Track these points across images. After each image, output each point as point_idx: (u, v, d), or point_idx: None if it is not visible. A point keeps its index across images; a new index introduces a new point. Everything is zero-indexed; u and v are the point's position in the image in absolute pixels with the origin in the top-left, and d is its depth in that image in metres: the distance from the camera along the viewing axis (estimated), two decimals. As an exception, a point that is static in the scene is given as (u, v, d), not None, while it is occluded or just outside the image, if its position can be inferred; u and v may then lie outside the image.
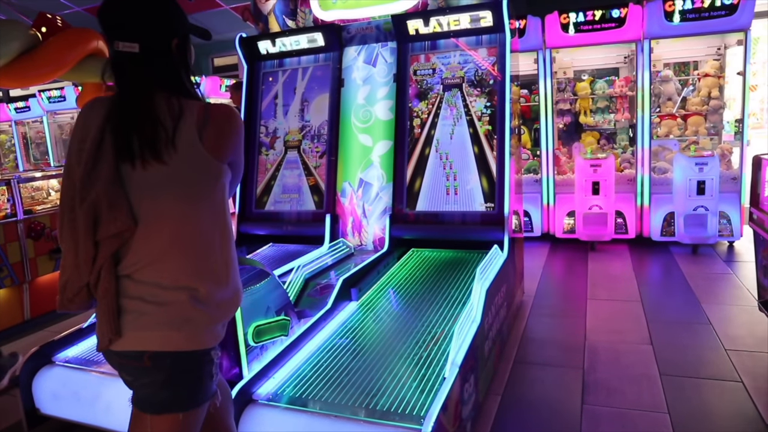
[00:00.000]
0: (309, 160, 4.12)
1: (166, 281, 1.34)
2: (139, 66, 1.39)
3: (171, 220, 1.35)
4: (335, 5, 4.04)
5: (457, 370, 2.15)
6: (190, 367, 1.37)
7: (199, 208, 1.38)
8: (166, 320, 1.32)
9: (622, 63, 6.10)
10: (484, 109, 3.70)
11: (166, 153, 1.33)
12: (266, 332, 2.30)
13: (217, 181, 1.41)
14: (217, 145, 1.38)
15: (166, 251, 1.34)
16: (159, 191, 1.34)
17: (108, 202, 1.31)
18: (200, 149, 1.36)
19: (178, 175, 1.35)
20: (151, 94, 1.38)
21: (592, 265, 4.99)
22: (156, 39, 1.42)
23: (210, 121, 1.38)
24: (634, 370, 3.00)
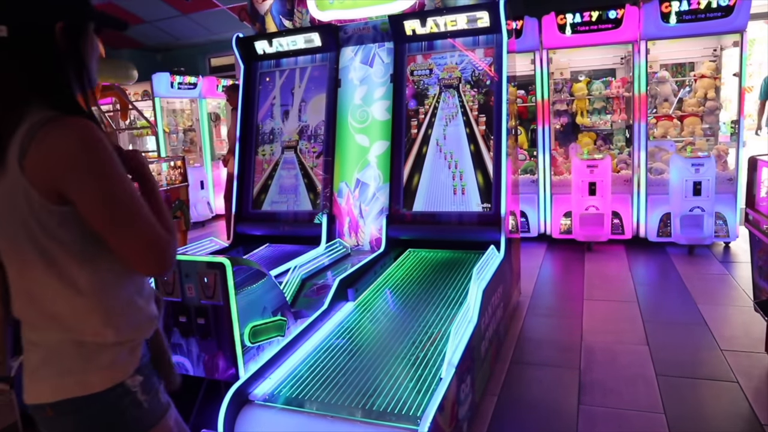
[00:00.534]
0: (306, 161, 4.11)
1: (41, 326, 1.16)
2: (7, 56, 1.10)
3: (17, 263, 1.14)
4: (332, 5, 4.04)
5: (454, 371, 2.15)
6: (100, 410, 1.16)
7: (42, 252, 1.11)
8: (53, 367, 1.15)
9: (618, 64, 6.11)
10: (480, 109, 3.70)
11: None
12: (263, 333, 2.30)
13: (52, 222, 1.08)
14: (42, 179, 1.05)
15: (24, 296, 1.16)
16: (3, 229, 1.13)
17: None
18: (22, 181, 1.05)
19: (11, 210, 1.09)
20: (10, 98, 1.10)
21: (588, 266, 5.00)
22: (31, 20, 1.10)
23: (32, 145, 1.03)
24: (631, 371, 3.00)
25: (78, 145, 1.05)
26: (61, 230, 1.09)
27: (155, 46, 11.15)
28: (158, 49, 11.31)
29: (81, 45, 1.17)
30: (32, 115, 1.07)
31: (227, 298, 2.14)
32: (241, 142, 4.27)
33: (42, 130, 1.03)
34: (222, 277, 2.13)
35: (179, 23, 9.81)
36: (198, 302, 2.21)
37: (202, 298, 2.19)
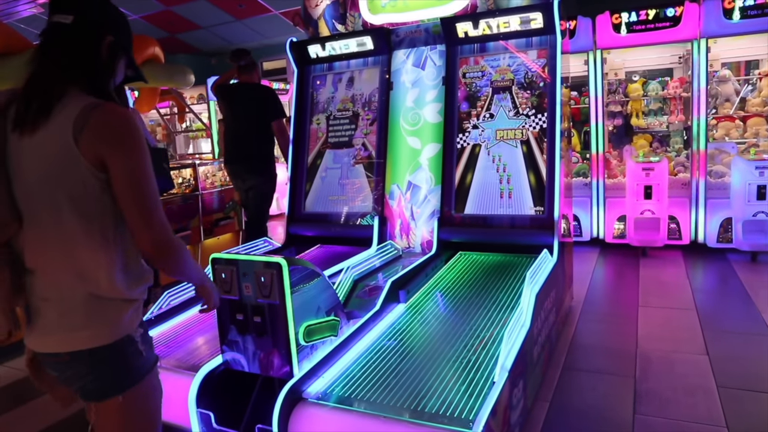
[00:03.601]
0: (358, 163, 4.16)
1: (53, 283, 1.36)
2: (63, 40, 1.36)
3: (51, 222, 1.33)
4: (384, 9, 4.07)
5: (507, 375, 2.14)
6: (110, 356, 1.38)
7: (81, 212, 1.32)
8: (69, 320, 1.35)
9: (676, 63, 5.92)
10: (533, 112, 3.66)
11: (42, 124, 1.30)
12: (317, 332, 2.34)
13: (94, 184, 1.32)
14: (93, 150, 1.29)
15: (50, 254, 1.35)
16: (40, 190, 1.32)
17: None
18: (75, 152, 1.28)
19: (56, 175, 1.31)
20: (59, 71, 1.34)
21: (643, 272, 4.86)
22: (90, 22, 1.39)
23: (89, 123, 1.28)
24: (689, 381, 2.91)
25: (121, 123, 1.32)
26: (103, 194, 1.33)
27: (210, 51, 11.49)
28: (213, 54, 11.64)
29: (116, 61, 1.45)
30: (74, 95, 1.33)
31: (283, 298, 2.19)
32: (294, 146, 4.36)
33: (94, 113, 1.29)
34: (278, 277, 2.17)
35: (233, 28, 10.08)
36: (255, 301, 2.26)
37: (259, 297, 2.25)
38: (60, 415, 3.01)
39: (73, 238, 1.33)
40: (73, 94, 1.33)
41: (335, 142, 4.27)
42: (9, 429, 2.98)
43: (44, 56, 1.36)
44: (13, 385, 3.53)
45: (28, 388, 3.45)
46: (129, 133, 1.32)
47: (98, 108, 1.30)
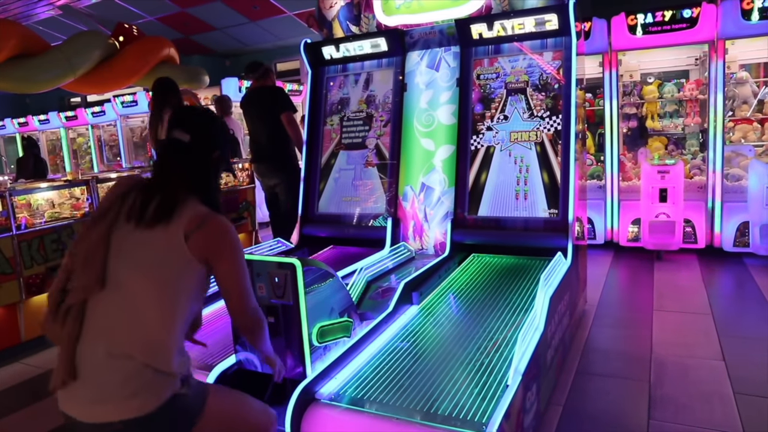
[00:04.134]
0: (371, 164, 4.16)
1: (116, 350, 1.47)
2: (182, 154, 1.68)
3: (134, 292, 1.50)
4: (398, 10, 4.07)
5: (520, 378, 2.13)
6: (162, 417, 1.49)
7: (166, 291, 1.53)
8: (124, 390, 1.45)
9: (692, 65, 5.86)
10: (548, 113, 3.64)
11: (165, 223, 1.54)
12: (330, 333, 2.34)
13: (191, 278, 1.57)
14: (200, 252, 1.56)
15: (122, 322, 1.50)
16: (137, 263, 1.53)
17: (86, 257, 1.53)
18: (183, 247, 1.53)
19: (158, 255, 1.53)
20: (180, 181, 1.63)
21: (658, 275, 4.81)
22: (203, 142, 1.70)
23: (201, 231, 1.56)
24: (705, 387, 2.87)
25: (227, 237, 1.62)
26: (191, 279, 1.58)
27: (224, 52, 11.57)
28: (227, 55, 11.72)
29: (219, 170, 1.79)
30: (190, 202, 1.61)
31: (297, 298, 2.19)
32: (308, 147, 4.37)
33: (208, 221, 1.58)
34: (292, 278, 2.18)
35: (247, 30, 10.15)
36: (268, 301, 2.27)
37: (273, 298, 2.25)
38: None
39: (146, 310, 1.50)
40: (189, 201, 1.60)
41: (349, 144, 4.27)
42: (25, 425, 3.01)
43: (166, 166, 1.67)
44: (29, 381, 3.58)
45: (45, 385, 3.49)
46: (234, 243, 1.63)
47: (211, 218, 1.60)
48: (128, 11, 9.45)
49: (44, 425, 2.96)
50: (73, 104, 13.84)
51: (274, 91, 4.93)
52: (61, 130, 11.64)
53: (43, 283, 4.14)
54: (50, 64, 4.64)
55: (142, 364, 1.47)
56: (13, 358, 3.92)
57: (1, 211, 4.02)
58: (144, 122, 9.97)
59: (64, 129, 11.55)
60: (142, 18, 9.73)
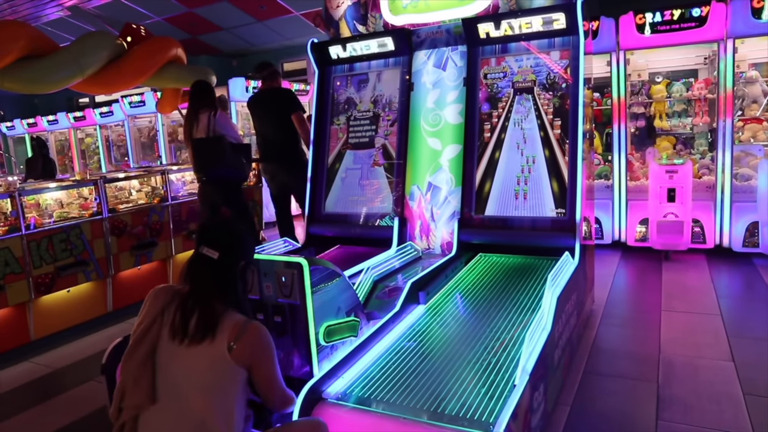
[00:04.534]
0: (378, 164, 4.16)
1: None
2: (212, 270, 1.79)
3: (187, 403, 1.64)
4: (405, 10, 4.06)
5: (528, 378, 2.12)
6: None
7: (210, 401, 1.65)
8: None
9: (701, 64, 5.82)
10: (555, 113, 3.63)
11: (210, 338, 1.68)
12: (337, 332, 2.34)
13: (238, 382, 1.71)
14: (243, 357, 1.70)
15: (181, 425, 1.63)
16: (185, 372, 1.67)
17: (134, 377, 1.66)
18: (226, 356, 1.67)
19: (205, 369, 1.67)
20: (215, 294, 1.76)
21: (666, 275, 4.79)
22: (231, 257, 1.83)
23: (243, 337, 1.70)
24: (715, 388, 2.86)
25: (266, 340, 1.77)
26: (236, 385, 1.72)
27: (231, 52, 11.60)
28: (234, 55, 11.75)
29: (247, 273, 1.93)
30: (227, 313, 1.74)
31: (304, 298, 2.19)
32: (315, 146, 4.37)
33: (247, 330, 1.72)
34: (299, 277, 2.18)
35: (254, 30, 10.17)
36: (275, 300, 2.27)
37: (280, 297, 2.26)
38: (84, 412, 3.06)
39: (208, 424, 1.63)
40: (226, 312, 1.74)
41: (355, 143, 4.28)
42: (35, 423, 3.03)
43: (199, 282, 1.78)
44: (39, 380, 3.60)
45: (53, 384, 3.52)
46: (271, 347, 1.78)
47: (249, 326, 1.74)
48: (136, 12, 9.50)
49: (53, 423, 2.98)
50: (82, 105, 13.92)
51: (282, 93, 5.02)
52: (69, 131, 11.71)
53: (52, 282, 4.17)
54: (59, 65, 4.66)
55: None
56: (23, 357, 3.94)
57: (11, 211, 4.04)
58: (152, 122, 10.01)
59: (73, 129, 11.61)
60: (149, 18, 9.78)
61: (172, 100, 6.75)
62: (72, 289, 4.36)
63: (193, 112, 4.50)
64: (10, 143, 13.26)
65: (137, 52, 5.46)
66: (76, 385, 3.41)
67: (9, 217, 4.06)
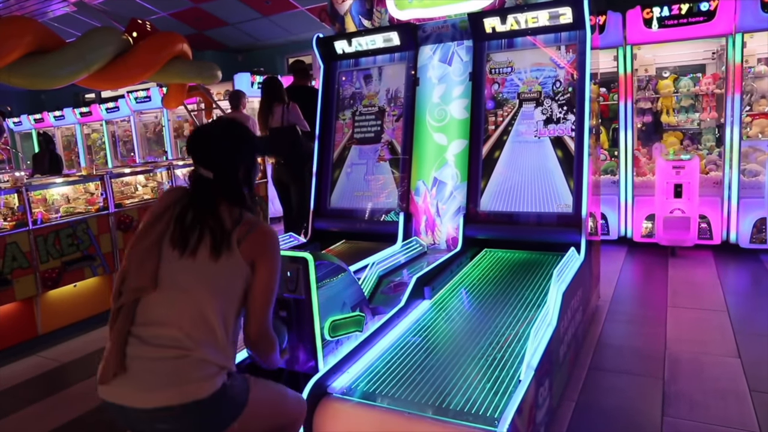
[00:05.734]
0: (383, 159, 4.16)
1: (170, 341, 1.57)
2: (212, 186, 1.74)
3: (188, 290, 1.61)
4: (411, 4, 4.05)
5: (533, 373, 2.12)
6: (215, 402, 1.59)
7: (212, 294, 1.62)
8: (179, 377, 1.55)
9: (709, 59, 5.77)
10: (561, 108, 3.61)
11: (224, 252, 1.64)
12: (342, 327, 2.34)
13: (241, 280, 1.67)
14: (249, 253, 1.66)
15: (175, 316, 1.59)
16: (187, 273, 1.62)
17: (140, 261, 1.64)
18: (236, 253, 1.65)
19: (210, 268, 1.62)
20: (218, 205, 1.71)
21: (672, 272, 4.77)
22: (227, 168, 1.77)
23: (251, 234, 1.68)
24: (721, 384, 2.85)
25: (274, 241, 1.74)
26: (241, 281, 1.67)
27: (236, 48, 11.59)
28: (239, 50, 11.74)
29: (251, 174, 1.87)
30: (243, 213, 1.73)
31: (309, 292, 2.20)
32: (320, 141, 4.37)
33: (256, 228, 1.70)
34: (304, 272, 2.18)
35: (259, 25, 10.16)
36: (280, 295, 2.27)
37: (285, 292, 2.26)
38: (91, 405, 3.08)
39: (207, 312, 1.60)
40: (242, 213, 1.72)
41: (361, 138, 4.27)
42: (43, 416, 3.06)
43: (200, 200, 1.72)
44: (46, 374, 3.63)
45: (60, 377, 3.54)
46: (277, 248, 1.75)
47: (260, 224, 1.73)
48: (141, 7, 9.50)
49: (61, 417, 3.00)
50: (88, 100, 13.95)
51: (311, 91, 5.54)
52: (75, 126, 11.75)
53: (59, 277, 4.19)
54: (65, 61, 4.66)
55: (199, 356, 1.56)
56: (31, 351, 3.97)
57: (18, 206, 4.07)
58: (157, 117, 10.04)
59: (79, 125, 11.65)
60: (155, 14, 9.78)
61: (177, 95, 6.75)
62: (79, 284, 4.38)
63: (267, 106, 5.22)
64: (17, 139, 13.32)
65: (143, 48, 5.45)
66: (83, 379, 3.43)
67: (16, 212, 4.09)
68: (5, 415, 3.09)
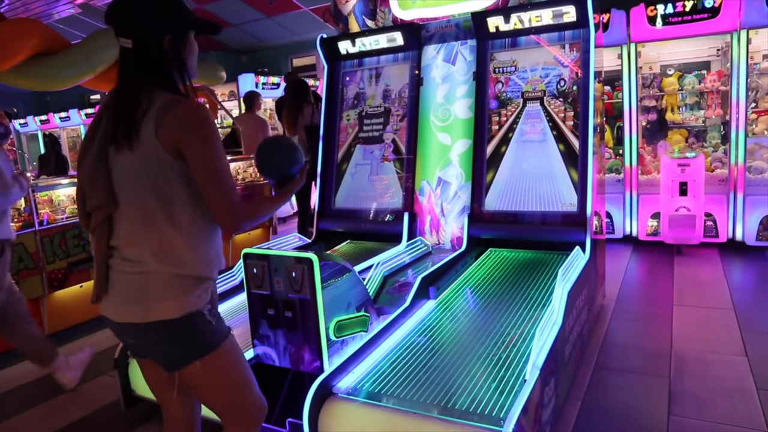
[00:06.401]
0: (387, 159, 4.16)
1: (136, 258, 1.50)
2: (131, 60, 1.52)
3: (138, 204, 1.49)
4: (414, 4, 4.05)
5: (538, 373, 2.12)
6: (182, 328, 1.52)
7: (160, 196, 1.48)
8: (146, 293, 1.49)
9: (714, 56, 5.75)
10: (565, 106, 3.61)
11: (134, 141, 1.44)
12: (347, 327, 2.35)
13: (169, 172, 1.47)
14: (170, 140, 1.45)
15: (135, 232, 1.50)
16: (130, 177, 1.48)
17: (89, 179, 1.51)
18: (155, 143, 1.44)
19: (141, 164, 1.46)
20: (136, 87, 1.49)
21: (678, 270, 4.75)
22: (148, 35, 1.50)
23: (168, 117, 1.44)
24: (727, 383, 2.83)
25: (196, 117, 1.47)
26: (178, 181, 1.49)
27: (240, 48, 11.61)
28: (243, 51, 11.76)
29: (182, 50, 1.57)
30: (158, 97, 1.47)
31: (314, 293, 2.21)
32: (324, 141, 4.38)
33: (172, 109, 1.44)
34: (309, 272, 2.19)
35: (263, 25, 10.17)
36: (286, 296, 2.29)
37: (290, 292, 2.27)
38: (97, 405, 3.09)
39: (153, 218, 1.48)
40: (156, 97, 1.47)
41: (365, 138, 4.27)
42: (49, 417, 3.07)
43: (120, 79, 1.53)
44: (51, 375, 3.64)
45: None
46: (202, 124, 1.47)
47: (175, 104, 1.46)
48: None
49: (67, 417, 3.01)
50: (93, 101, 14.01)
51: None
52: (81, 127, 11.80)
53: (65, 277, 4.21)
54: (70, 62, 4.68)
55: (162, 270, 1.50)
56: (37, 352, 3.99)
57: (25, 207, 4.09)
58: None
59: (84, 126, 11.71)
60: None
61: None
62: (84, 285, 4.40)
63: (297, 106, 5.44)
64: (23, 140, 13.38)
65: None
66: (89, 380, 3.44)
67: (23, 213, 4.11)
68: (11, 414, 3.11)
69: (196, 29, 1.61)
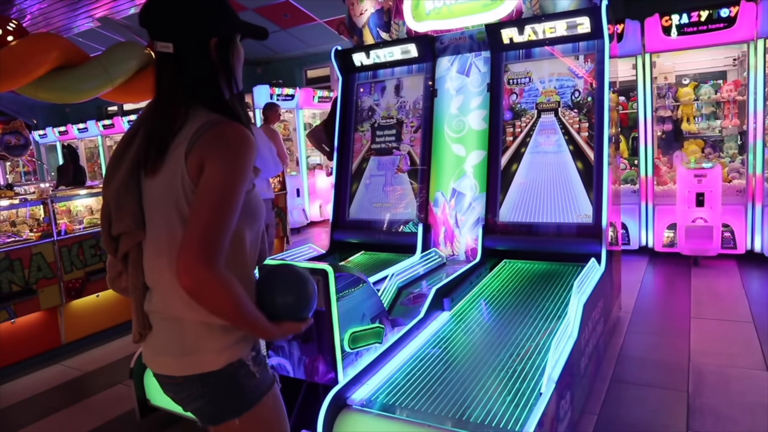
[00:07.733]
0: (402, 170, 4.17)
1: (171, 301, 1.28)
2: (171, 68, 1.29)
3: (165, 237, 1.26)
4: (428, 16, 4.07)
5: (554, 386, 2.10)
6: (221, 381, 1.31)
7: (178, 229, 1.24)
8: (180, 344, 1.29)
9: (730, 66, 5.71)
10: (580, 117, 3.60)
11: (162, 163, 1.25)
12: (361, 339, 2.35)
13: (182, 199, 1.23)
14: (196, 162, 1.20)
15: (163, 270, 1.27)
16: (156, 203, 1.28)
17: (116, 200, 1.30)
18: (183, 168, 1.21)
19: (166, 190, 1.25)
20: (176, 100, 1.27)
21: (695, 282, 4.69)
22: (193, 36, 1.28)
23: (201, 139, 1.20)
24: (748, 398, 2.79)
25: (230, 138, 1.22)
26: None
27: (256, 60, 11.72)
28: (258, 63, 11.87)
29: (230, 55, 1.34)
30: (197, 117, 1.25)
31: (329, 304, 2.21)
32: (339, 153, 4.40)
33: (209, 130, 1.21)
34: (324, 284, 2.19)
35: (278, 37, 10.26)
36: (300, 305, 2.28)
37: (305, 303, 2.27)
38: (112, 414, 3.11)
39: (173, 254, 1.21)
40: (195, 115, 1.26)
41: (379, 149, 4.29)
42: (66, 425, 3.10)
43: (159, 92, 1.31)
44: (70, 383, 3.68)
45: (83, 386, 3.59)
46: (232, 146, 1.21)
47: (214, 125, 1.22)
48: (163, 22, 9.66)
49: (83, 425, 3.04)
50: (110, 113, 14.22)
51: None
52: (98, 138, 11.97)
53: (82, 287, 4.26)
54: (89, 75, 4.76)
55: (192, 317, 1.26)
56: (55, 360, 4.03)
57: (44, 218, 4.15)
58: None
59: (101, 137, 11.87)
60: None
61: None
62: (101, 294, 4.45)
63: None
64: (42, 151, 13.60)
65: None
66: (105, 388, 3.47)
67: (42, 223, 4.17)
68: (29, 422, 3.14)
69: (244, 33, 1.38)
